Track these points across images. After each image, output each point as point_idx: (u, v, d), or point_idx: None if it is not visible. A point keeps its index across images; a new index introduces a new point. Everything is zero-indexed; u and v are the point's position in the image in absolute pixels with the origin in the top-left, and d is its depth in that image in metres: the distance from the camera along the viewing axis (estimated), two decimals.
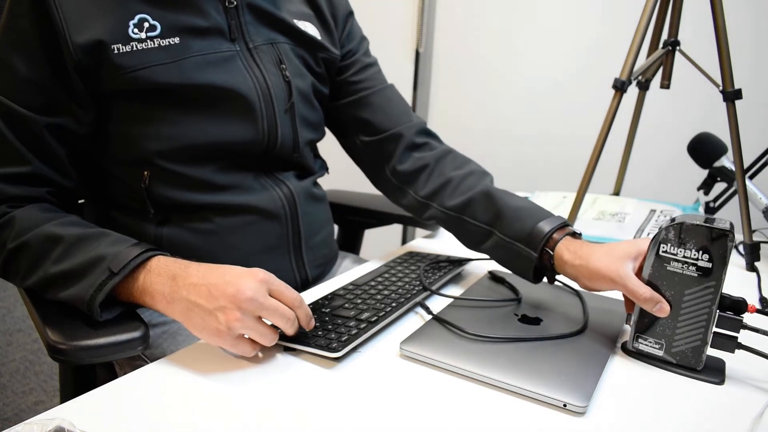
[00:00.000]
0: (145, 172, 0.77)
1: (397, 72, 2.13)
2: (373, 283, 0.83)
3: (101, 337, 0.63)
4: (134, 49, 0.73)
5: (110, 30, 0.72)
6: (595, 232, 1.13)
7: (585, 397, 0.59)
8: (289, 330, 0.65)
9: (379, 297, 0.78)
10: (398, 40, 2.12)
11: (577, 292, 0.85)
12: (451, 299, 0.80)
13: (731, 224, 0.65)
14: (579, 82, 1.80)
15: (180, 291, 0.64)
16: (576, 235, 0.80)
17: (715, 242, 0.64)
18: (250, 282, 0.62)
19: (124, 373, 0.63)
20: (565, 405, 0.59)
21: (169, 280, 0.65)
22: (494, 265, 0.96)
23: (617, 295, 0.85)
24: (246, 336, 0.64)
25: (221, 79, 0.79)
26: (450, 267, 0.92)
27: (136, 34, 0.73)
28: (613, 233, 1.13)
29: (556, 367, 0.64)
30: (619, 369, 0.68)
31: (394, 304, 0.76)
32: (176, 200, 0.79)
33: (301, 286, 0.91)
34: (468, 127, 2.04)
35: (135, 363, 0.77)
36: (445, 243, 1.11)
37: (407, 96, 2.14)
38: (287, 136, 0.87)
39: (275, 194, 0.86)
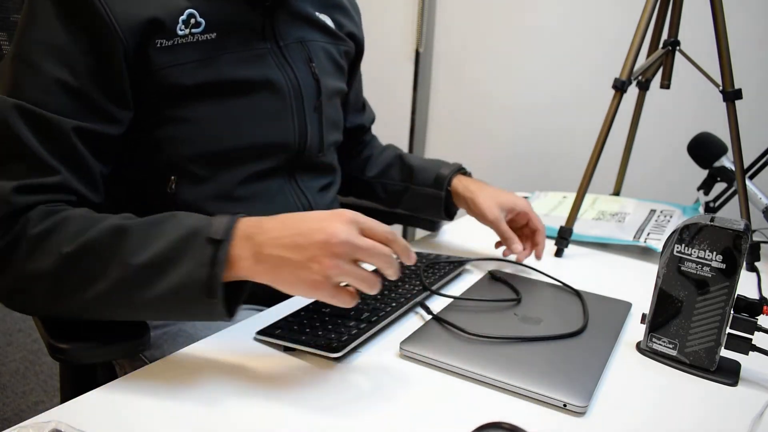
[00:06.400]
0: (172, 177, 0.76)
1: (397, 72, 2.13)
2: None
3: (101, 337, 0.63)
4: (175, 43, 0.72)
5: (159, 21, 0.70)
6: (595, 232, 1.13)
7: (585, 397, 0.59)
8: (390, 271, 0.59)
9: (379, 297, 0.78)
10: (398, 40, 2.12)
11: (577, 292, 0.85)
12: (451, 299, 0.80)
13: (746, 225, 0.65)
14: (579, 82, 1.80)
15: (263, 249, 0.58)
16: (467, 174, 1.05)
17: (729, 243, 0.64)
18: (339, 225, 0.57)
19: (125, 374, 0.63)
20: (565, 405, 0.59)
21: (246, 242, 0.59)
22: (494, 265, 0.97)
23: (617, 294, 0.85)
24: (344, 284, 0.59)
25: (255, 73, 0.79)
26: (450, 267, 0.92)
27: (182, 30, 0.72)
28: (613, 233, 1.13)
29: (556, 367, 0.64)
30: (620, 369, 0.68)
31: (394, 304, 0.76)
32: (199, 208, 0.75)
33: None
34: (468, 127, 2.04)
35: (135, 364, 0.77)
36: (445, 243, 1.11)
37: (407, 96, 2.14)
38: (315, 135, 0.88)
39: (296, 206, 0.87)
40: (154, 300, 0.59)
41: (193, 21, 0.73)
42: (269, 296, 0.85)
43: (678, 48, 1.18)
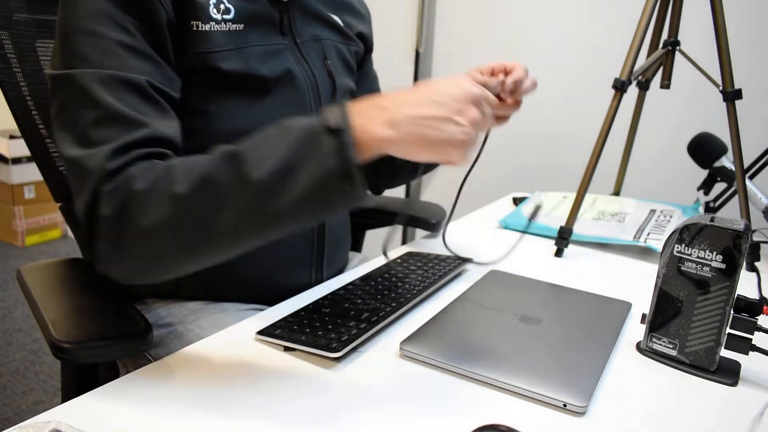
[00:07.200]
0: None
1: (397, 72, 2.13)
2: (373, 283, 0.83)
3: (104, 336, 0.63)
4: (211, 29, 0.72)
5: (195, 2, 0.71)
6: (595, 232, 1.13)
7: (585, 397, 0.59)
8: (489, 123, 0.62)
9: (378, 297, 0.78)
10: (398, 40, 2.12)
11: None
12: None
13: (746, 225, 0.65)
14: (579, 82, 1.80)
15: (397, 111, 0.56)
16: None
17: (729, 243, 0.64)
18: (469, 81, 0.58)
19: (127, 372, 0.63)
20: (565, 405, 0.59)
21: (376, 111, 0.57)
22: (494, 266, 0.97)
23: (617, 294, 0.85)
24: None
25: (277, 68, 0.79)
26: (451, 266, 0.92)
27: (215, 14, 0.73)
28: (613, 233, 1.13)
29: (556, 367, 0.65)
30: (620, 369, 0.68)
31: (394, 304, 0.76)
32: None
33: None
34: None
35: (138, 362, 0.77)
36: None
37: None
38: None
39: None
40: (291, 206, 0.57)
41: (222, 7, 0.74)
42: (269, 296, 0.86)
43: (678, 48, 1.18)
